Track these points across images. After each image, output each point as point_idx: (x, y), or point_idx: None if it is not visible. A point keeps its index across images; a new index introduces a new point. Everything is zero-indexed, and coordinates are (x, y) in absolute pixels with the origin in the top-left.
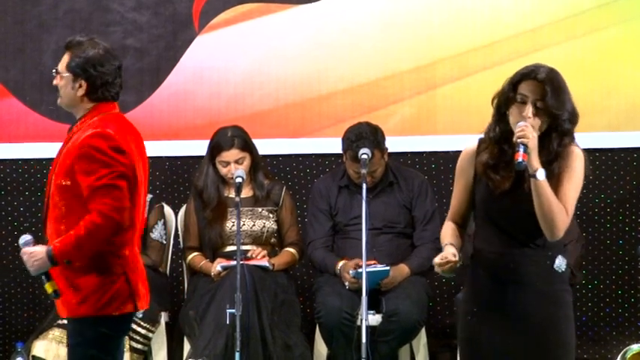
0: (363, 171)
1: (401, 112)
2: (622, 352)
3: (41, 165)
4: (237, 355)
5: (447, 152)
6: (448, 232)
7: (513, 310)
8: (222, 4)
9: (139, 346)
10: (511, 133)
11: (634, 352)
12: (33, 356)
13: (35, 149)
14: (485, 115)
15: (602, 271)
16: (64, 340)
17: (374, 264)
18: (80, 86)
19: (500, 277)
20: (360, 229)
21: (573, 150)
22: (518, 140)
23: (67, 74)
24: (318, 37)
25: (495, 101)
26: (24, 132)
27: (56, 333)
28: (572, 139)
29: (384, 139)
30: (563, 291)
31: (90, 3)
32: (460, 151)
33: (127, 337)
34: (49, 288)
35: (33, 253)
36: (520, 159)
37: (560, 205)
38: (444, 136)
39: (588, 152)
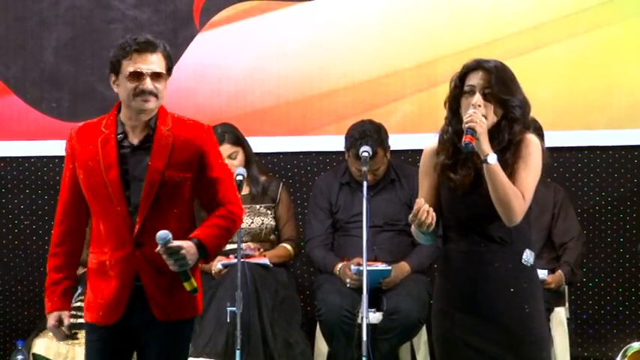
0: (364, 168)
1: (402, 109)
2: (623, 350)
3: (42, 162)
4: (237, 353)
5: None
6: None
7: (485, 308)
8: (222, 2)
9: None
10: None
11: (635, 350)
12: (33, 354)
13: (36, 147)
14: None
15: (603, 268)
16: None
17: (375, 264)
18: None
19: (470, 275)
20: (361, 227)
21: (528, 137)
22: (466, 125)
23: (167, 75)
24: (319, 34)
25: (447, 104)
26: (25, 129)
27: None
28: (524, 128)
29: (387, 137)
30: (534, 285)
31: (91, 0)
32: None
33: None
34: (189, 286)
35: (188, 247)
36: (467, 141)
37: (515, 189)
38: None
39: (589, 150)
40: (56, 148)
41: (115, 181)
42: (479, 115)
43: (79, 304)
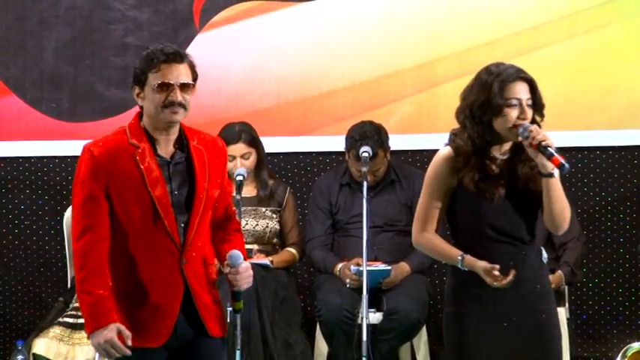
0: (364, 169)
1: (402, 109)
2: (622, 351)
3: (42, 162)
4: (237, 353)
5: None
6: (449, 246)
7: (510, 309)
8: (222, 2)
9: None
10: (494, 141)
11: (634, 350)
12: (34, 354)
13: (35, 147)
14: None
15: (603, 269)
16: (65, 338)
17: (375, 264)
18: None
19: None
20: (361, 227)
21: None
22: (543, 144)
23: (193, 86)
24: (319, 34)
25: (468, 112)
26: (24, 130)
27: (57, 331)
28: None
29: (387, 138)
30: (550, 285)
31: (91, 0)
32: None
33: None
34: (238, 305)
35: (250, 268)
36: (562, 161)
37: (565, 198)
38: (445, 134)
39: (589, 150)
40: (56, 148)
41: (163, 198)
42: (542, 131)
43: (77, 304)
